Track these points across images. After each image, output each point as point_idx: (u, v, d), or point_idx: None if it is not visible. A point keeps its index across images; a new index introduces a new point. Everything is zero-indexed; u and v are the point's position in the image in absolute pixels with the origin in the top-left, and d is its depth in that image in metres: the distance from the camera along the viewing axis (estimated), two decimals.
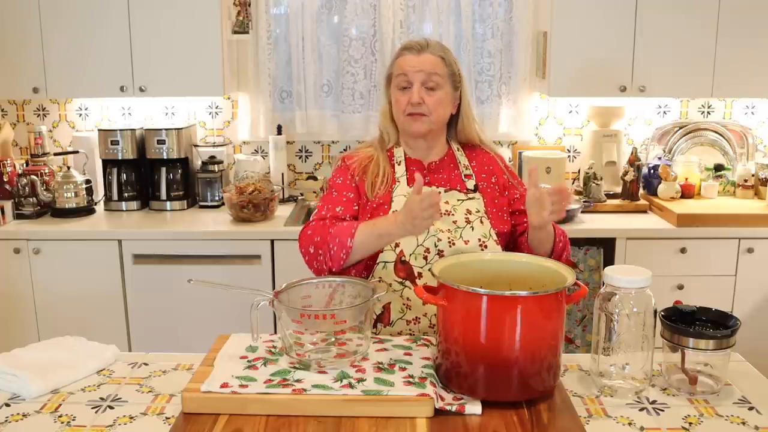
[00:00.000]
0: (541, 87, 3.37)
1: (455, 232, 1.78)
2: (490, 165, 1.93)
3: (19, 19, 3.17)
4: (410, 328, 1.76)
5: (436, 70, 1.82)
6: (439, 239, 1.76)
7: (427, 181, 1.86)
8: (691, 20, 3.10)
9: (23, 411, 1.37)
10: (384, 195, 1.83)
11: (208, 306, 2.97)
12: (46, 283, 3.04)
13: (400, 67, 1.83)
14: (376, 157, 1.88)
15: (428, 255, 1.76)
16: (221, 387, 1.34)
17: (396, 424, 1.28)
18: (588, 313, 3.08)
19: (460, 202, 1.83)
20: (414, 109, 1.81)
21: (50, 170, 3.31)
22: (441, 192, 1.83)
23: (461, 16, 3.38)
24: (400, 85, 1.83)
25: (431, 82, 1.81)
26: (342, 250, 1.70)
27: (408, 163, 1.89)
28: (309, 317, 1.43)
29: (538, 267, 1.51)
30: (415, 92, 1.80)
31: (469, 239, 1.77)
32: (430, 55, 1.82)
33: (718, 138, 3.49)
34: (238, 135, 3.58)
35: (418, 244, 1.76)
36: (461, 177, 1.88)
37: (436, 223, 1.77)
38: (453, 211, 1.81)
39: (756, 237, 2.96)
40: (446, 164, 1.90)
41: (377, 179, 1.84)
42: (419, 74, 1.80)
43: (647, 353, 1.40)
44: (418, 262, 1.76)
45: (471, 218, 1.80)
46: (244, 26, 3.41)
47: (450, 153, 1.93)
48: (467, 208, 1.82)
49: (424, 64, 1.81)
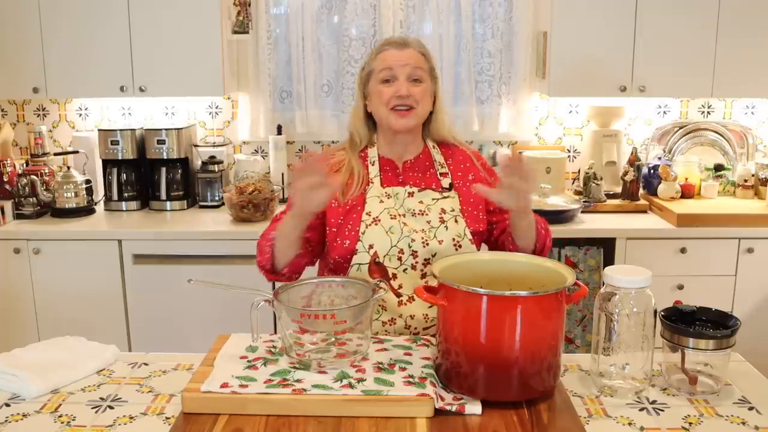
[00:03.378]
0: (541, 87, 3.37)
1: (429, 232, 1.77)
2: (466, 163, 1.92)
3: (19, 19, 3.17)
4: (386, 329, 1.76)
5: (420, 64, 1.82)
6: (413, 240, 1.75)
7: (401, 180, 1.86)
8: (691, 20, 3.10)
9: (23, 411, 1.37)
10: (357, 197, 1.82)
11: (208, 306, 2.97)
12: (46, 283, 3.04)
13: (383, 61, 1.82)
14: (348, 160, 1.86)
15: (402, 256, 1.75)
16: (221, 387, 1.34)
17: (396, 424, 1.28)
18: (588, 313, 3.08)
19: (435, 201, 1.82)
20: (401, 101, 1.79)
21: (50, 170, 3.31)
22: (415, 191, 1.82)
23: (461, 16, 3.38)
24: (384, 79, 1.81)
25: (416, 75, 1.81)
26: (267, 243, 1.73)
27: (382, 162, 1.88)
28: (309, 317, 1.43)
29: (538, 267, 1.51)
30: (403, 84, 1.79)
31: (443, 239, 1.77)
32: (412, 50, 1.83)
33: (718, 138, 3.49)
34: (238, 135, 3.58)
35: (392, 245, 1.75)
36: (437, 175, 1.87)
37: (409, 223, 1.77)
38: (427, 210, 1.80)
39: (756, 237, 2.96)
40: (421, 162, 1.89)
41: (351, 182, 1.83)
42: (405, 68, 1.80)
43: (647, 353, 1.40)
44: (393, 263, 1.75)
45: (445, 218, 1.79)
46: (244, 26, 3.41)
47: (426, 151, 1.91)
48: (442, 208, 1.81)
49: (409, 58, 1.81)
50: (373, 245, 1.75)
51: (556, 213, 2.99)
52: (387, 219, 1.77)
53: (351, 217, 1.79)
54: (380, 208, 1.79)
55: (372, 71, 1.85)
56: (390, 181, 1.85)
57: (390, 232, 1.76)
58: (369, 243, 1.75)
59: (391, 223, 1.77)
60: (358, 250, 1.76)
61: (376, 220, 1.77)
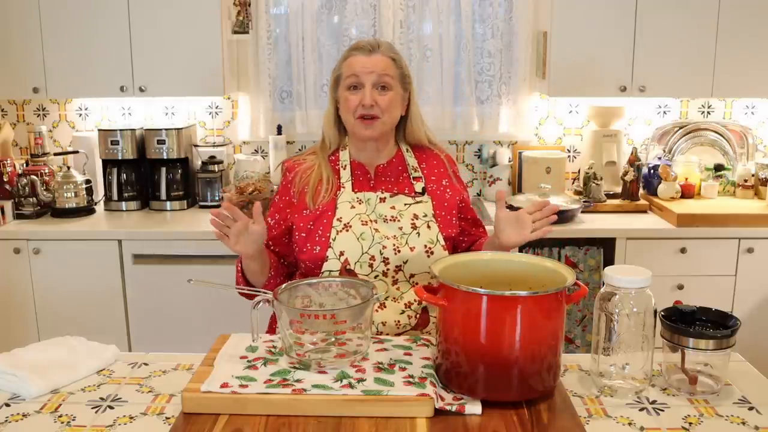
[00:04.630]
0: (541, 87, 3.37)
1: (401, 238, 1.75)
2: (440, 167, 1.91)
3: (19, 19, 3.17)
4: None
5: (388, 71, 1.78)
6: (384, 246, 1.74)
7: (373, 185, 1.84)
8: (691, 20, 3.10)
9: (23, 411, 1.37)
10: (328, 202, 1.80)
11: (208, 306, 2.97)
12: (46, 283, 3.04)
13: (350, 67, 1.79)
14: (318, 165, 1.85)
15: (374, 263, 1.74)
16: (221, 387, 1.34)
17: (396, 424, 1.28)
18: (588, 313, 3.08)
19: (407, 206, 1.80)
20: (366, 111, 1.77)
21: (50, 170, 3.31)
22: (386, 197, 1.81)
23: (461, 16, 3.38)
24: (350, 86, 1.79)
25: (383, 82, 1.78)
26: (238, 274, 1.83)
27: (353, 167, 1.86)
28: (309, 317, 1.43)
29: (538, 267, 1.51)
30: (368, 94, 1.76)
31: (415, 246, 1.75)
32: (381, 56, 1.79)
33: (718, 138, 3.48)
34: (238, 135, 3.58)
35: (363, 252, 1.74)
36: (410, 179, 1.85)
37: (381, 230, 1.76)
38: (399, 216, 1.78)
39: (756, 237, 2.96)
40: (394, 167, 1.88)
41: (320, 187, 1.81)
42: (371, 75, 1.77)
43: (647, 353, 1.40)
44: (364, 270, 1.74)
45: (417, 223, 1.78)
46: (244, 26, 3.41)
47: (399, 155, 1.89)
48: (414, 213, 1.79)
49: (376, 65, 1.78)
50: (344, 252, 1.74)
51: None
52: (358, 225, 1.76)
53: (321, 223, 1.77)
54: (351, 214, 1.77)
55: (340, 76, 1.82)
56: (361, 185, 1.84)
57: (361, 239, 1.74)
58: (340, 249, 1.74)
59: (362, 229, 1.75)
60: (328, 256, 1.74)
61: (347, 226, 1.75)
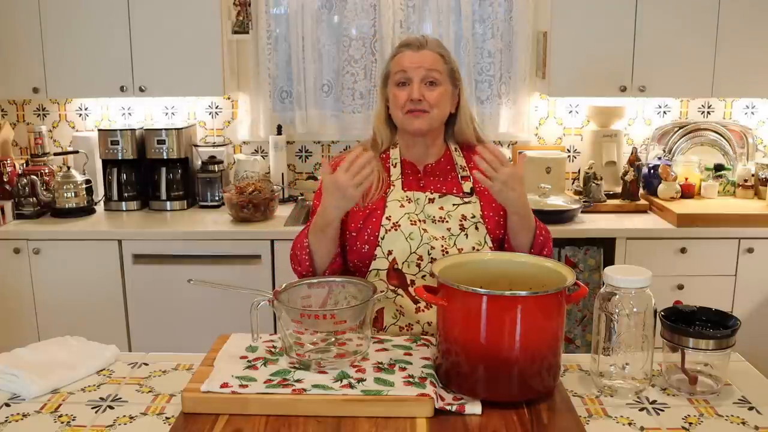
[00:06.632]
0: (541, 87, 3.37)
1: (449, 239, 1.75)
2: None
3: (19, 19, 3.17)
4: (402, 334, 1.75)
5: (436, 66, 1.79)
6: (433, 247, 1.74)
7: (422, 185, 1.84)
8: (691, 20, 3.10)
9: (23, 411, 1.37)
10: (378, 201, 1.80)
11: (208, 306, 2.97)
12: (46, 283, 3.04)
13: (398, 63, 1.80)
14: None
15: (421, 263, 1.74)
16: (221, 387, 1.34)
17: (396, 424, 1.27)
18: (588, 313, 3.08)
19: (455, 207, 1.80)
20: (414, 106, 1.77)
21: (50, 170, 3.31)
22: (435, 197, 1.81)
23: (461, 16, 3.38)
24: (399, 82, 1.80)
25: (431, 77, 1.78)
26: (303, 252, 1.76)
27: (404, 165, 1.86)
28: (309, 317, 1.43)
29: (538, 267, 1.51)
30: (416, 88, 1.76)
31: (463, 247, 1.75)
32: (429, 51, 1.80)
33: (718, 138, 3.49)
34: (238, 135, 3.58)
35: (411, 252, 1.74)
36: (458, 179, 1.85)
37: (429, 230, 1.76)
38: (447, 217, 1.78)
39: (756, 237, 2.96)
40: (443, 166, 1.87)
41: (371, 186, 1.79)
42: (419, 70, 1.77)
43: (647, 353, 1.40)
44: (411, 270, 1.74)
45: (466, 225, 1.77)
46: (244, 26, 3.41)
47: (447, 154, 1.89)
48: (462, 214, 1.79)
49: (424, 61, 1.78)
50: (392, 251, 1.74)
51: (556, 213, 2.99)
52: (407, 224, 1.76)
53: (371, 222, 1.77)
54: (400, 213, 1.77)
55: (389, 73, 1.84)
56: (411, 185, 1.83)
57: (410, 239, 1.74)
58: (388, 249, 1.74)
59: (411, 228, 1.75)
60: (376, 255, 1.75)
61: (396, 226, 1.75)
